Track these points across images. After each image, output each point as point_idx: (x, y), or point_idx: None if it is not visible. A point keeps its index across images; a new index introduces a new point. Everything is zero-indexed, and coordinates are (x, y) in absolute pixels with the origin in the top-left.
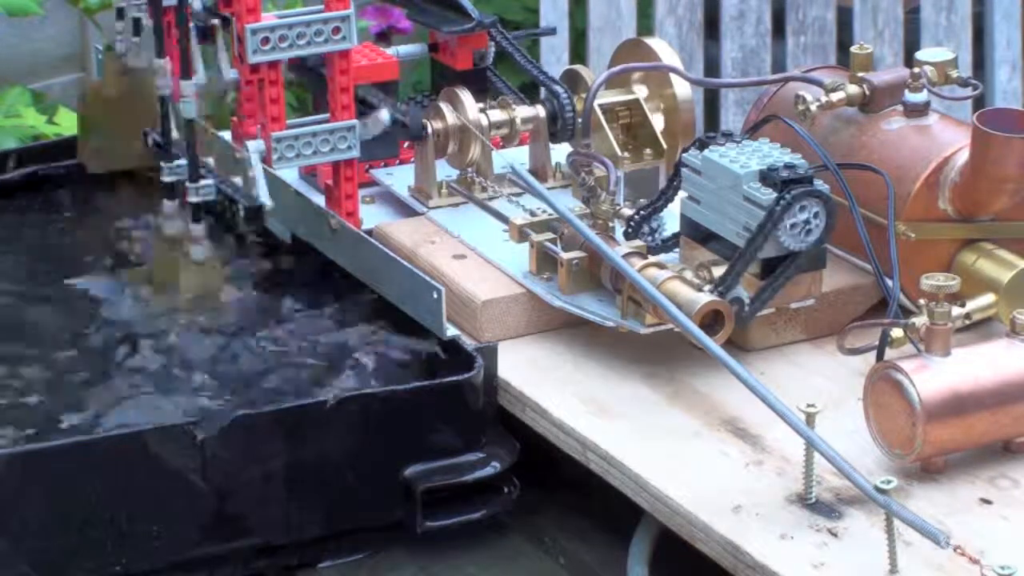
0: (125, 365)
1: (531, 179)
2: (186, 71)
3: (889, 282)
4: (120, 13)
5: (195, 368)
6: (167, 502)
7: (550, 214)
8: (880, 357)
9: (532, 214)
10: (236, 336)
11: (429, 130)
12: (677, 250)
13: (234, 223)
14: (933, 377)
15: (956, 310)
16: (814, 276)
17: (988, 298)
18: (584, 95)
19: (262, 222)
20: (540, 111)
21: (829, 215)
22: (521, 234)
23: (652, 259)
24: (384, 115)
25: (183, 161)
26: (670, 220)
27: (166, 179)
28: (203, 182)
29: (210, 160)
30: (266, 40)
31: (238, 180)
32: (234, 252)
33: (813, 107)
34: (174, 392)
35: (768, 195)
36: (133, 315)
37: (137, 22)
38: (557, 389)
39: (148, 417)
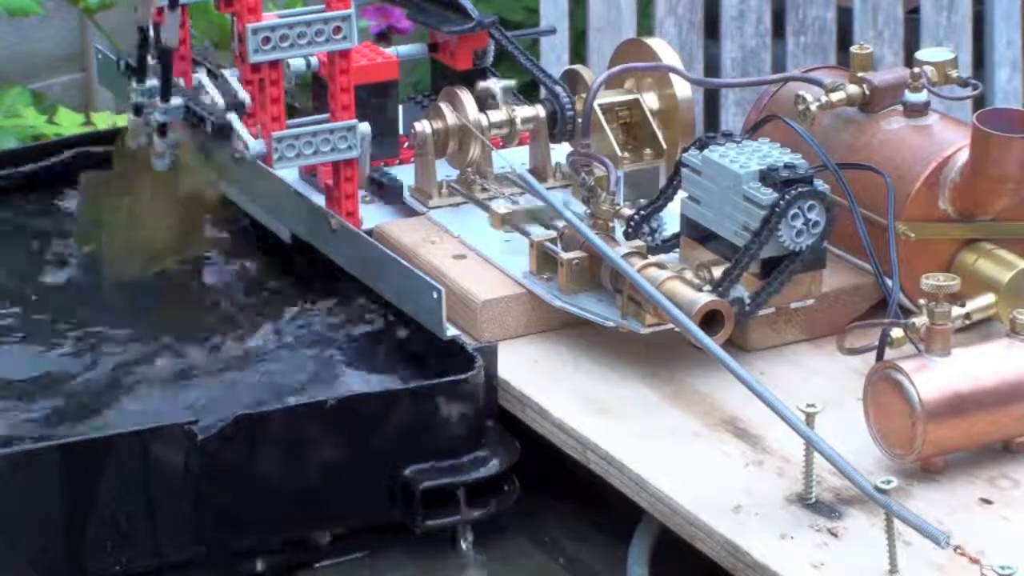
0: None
1: (530, 179)
2: (173, 2)
3: (889, 282)
4: (137, 110)
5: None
6: (167, 502)
7: (535, 204)
8: (880, 357)
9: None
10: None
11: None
12: (677, 251)
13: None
14: (933, 377)
15: (956, 310)
16: (814, 276)
17: (988, 298)
18: (584, 95)
19: (229, 137)
20: (540, 111)
21: (829, 215)
22: (503, 222)
23: (652, 259)
24: None
25: (155, 82)
26: (670, 220)
27: (135, 99)
28: (173, 102)
29: (180, 80)
30: (267, 39)
31: (208, 99)
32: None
33: (813, 107)
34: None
35: (768, 195)
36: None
37: (163, 127)
38: (557, 389)
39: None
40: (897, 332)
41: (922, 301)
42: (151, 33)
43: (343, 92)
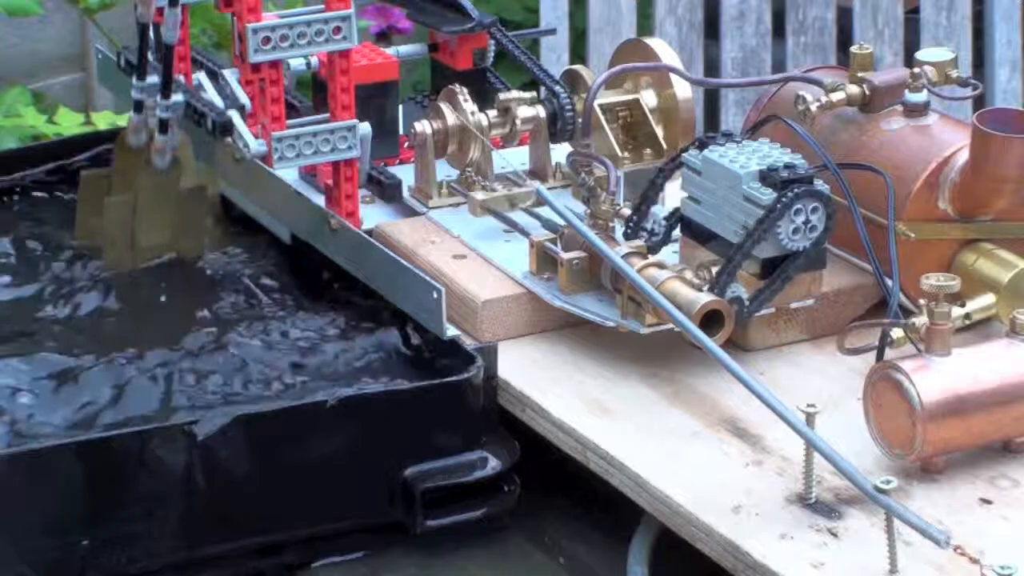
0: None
1: (532, 181)
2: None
3: (889, 282)
4: (138, 106)
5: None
6: (167, 502)
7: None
8: (880, 357)
9: (534, 216)
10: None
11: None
12: (677, 251)
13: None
14: (933, 377)
15: (956, 310)
16: (814, 276)
17: (988, 298)
18: (584, 95)
19: (231, 134)
20: (540, 111)
21: (829, 215)
22: (482, 208)
23: (652, 259)
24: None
25: (155, 79)
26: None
27: (136, 96)
28: (174, 99)
29: (180, 77)
30: (267, 39)
31: (207, 96)
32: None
33: (813, 107)
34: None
35: (768, 195)
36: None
37: (164, 124)
38: (557, 389)
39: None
40: (897, 332)
41: (922, 301)
42: (151, 32)
43: (343, 92)
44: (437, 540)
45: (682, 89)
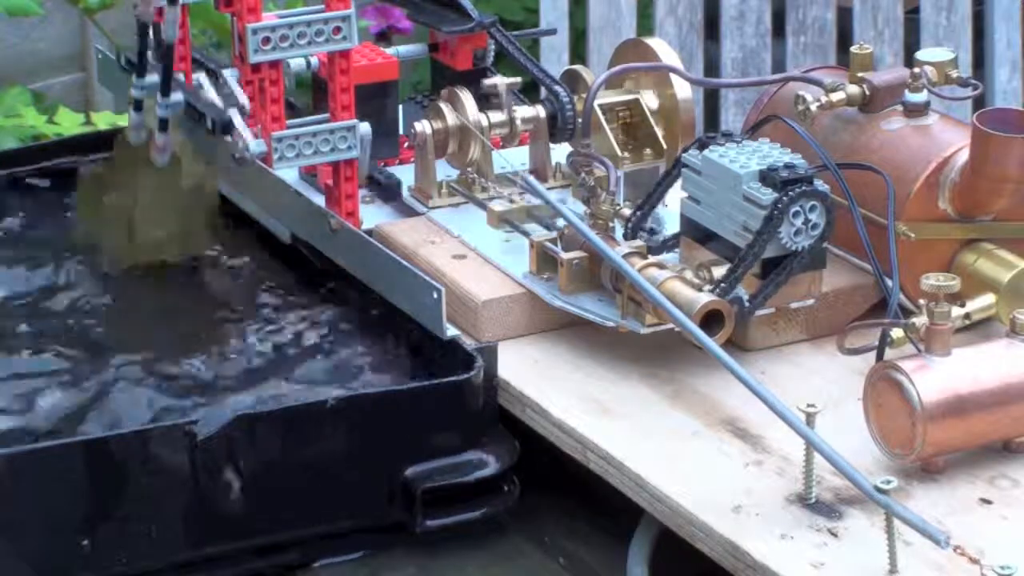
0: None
1: (531, 179)
2: None
3: (889, 282)
4: (138, 105)
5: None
6: (167, 502)
7: (532, 202)
8: (880, 357)
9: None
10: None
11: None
12: (677, 250)
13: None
14: (933, 377)
15: (956, 310)
16: (814, 276)
17: (988, 298)
18: (584, 95)
19: (231, 133)
20: (540, 111)
21: (829, 215)
22: (500, 220)
23: (652, 259)
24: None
25: (154, 78)
26: (670, 220)
27: (135, 94)
28: (173, 97)
29: (180, 76)
30: (267, 40)
31: (208, 95)
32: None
33: (813, 107)
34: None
35: (768, 195)
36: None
37: (164, 123)
38: (557, 389)
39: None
40: (897, 332)
41: (922, 301)
42: (151, 31)
43: (343, 92)
44: (437, 540)
45: (682, 89)
